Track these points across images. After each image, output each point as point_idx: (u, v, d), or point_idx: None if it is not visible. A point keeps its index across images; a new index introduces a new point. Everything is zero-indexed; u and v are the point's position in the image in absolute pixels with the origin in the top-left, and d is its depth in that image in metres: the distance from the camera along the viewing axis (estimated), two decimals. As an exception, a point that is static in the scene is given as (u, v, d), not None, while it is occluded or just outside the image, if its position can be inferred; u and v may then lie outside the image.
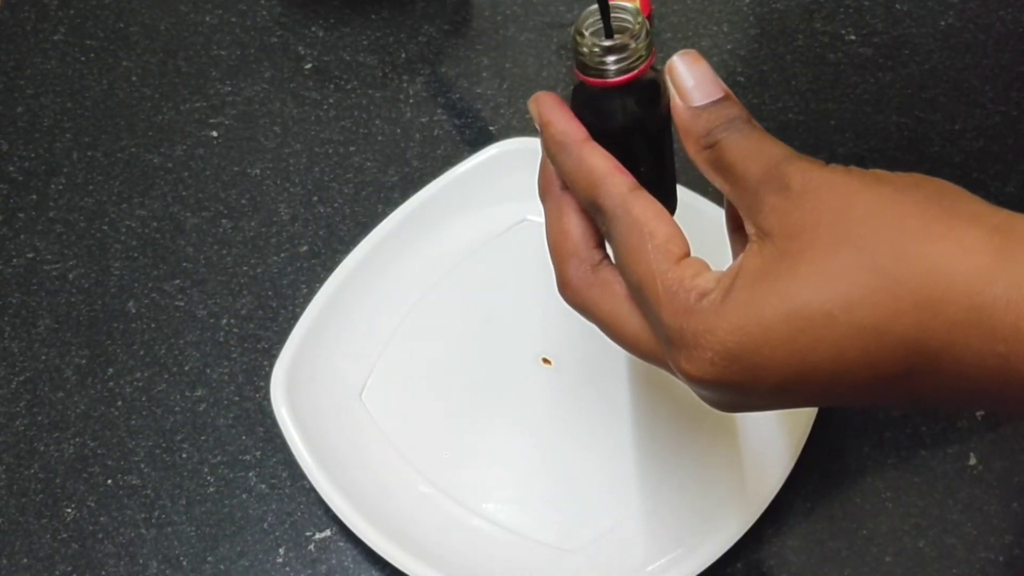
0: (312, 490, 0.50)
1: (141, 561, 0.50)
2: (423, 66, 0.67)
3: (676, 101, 0.33)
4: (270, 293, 0.59)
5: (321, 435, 0.50)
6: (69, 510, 0.52)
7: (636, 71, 0.34)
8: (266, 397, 0.52)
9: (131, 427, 0.54)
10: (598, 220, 0.34)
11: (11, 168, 0.65)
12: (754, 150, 0.32)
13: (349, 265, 0.55)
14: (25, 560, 0.51)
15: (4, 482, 0.53)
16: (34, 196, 0.64)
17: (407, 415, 0.53)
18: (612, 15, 0.34)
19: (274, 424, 0.51)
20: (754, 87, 0.63)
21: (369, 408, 0.53)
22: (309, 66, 0.68)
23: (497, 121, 0.64)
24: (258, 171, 0.64)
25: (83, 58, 0.70)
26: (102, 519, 0.52)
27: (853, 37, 0.65)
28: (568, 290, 0.35)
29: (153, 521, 0.51)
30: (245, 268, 0.60)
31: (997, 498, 0.48)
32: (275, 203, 0.62)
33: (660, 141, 0.36)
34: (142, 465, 0.53)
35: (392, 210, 0.57)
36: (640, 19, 0.34)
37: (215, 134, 0.66)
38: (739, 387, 0.30)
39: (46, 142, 0.66)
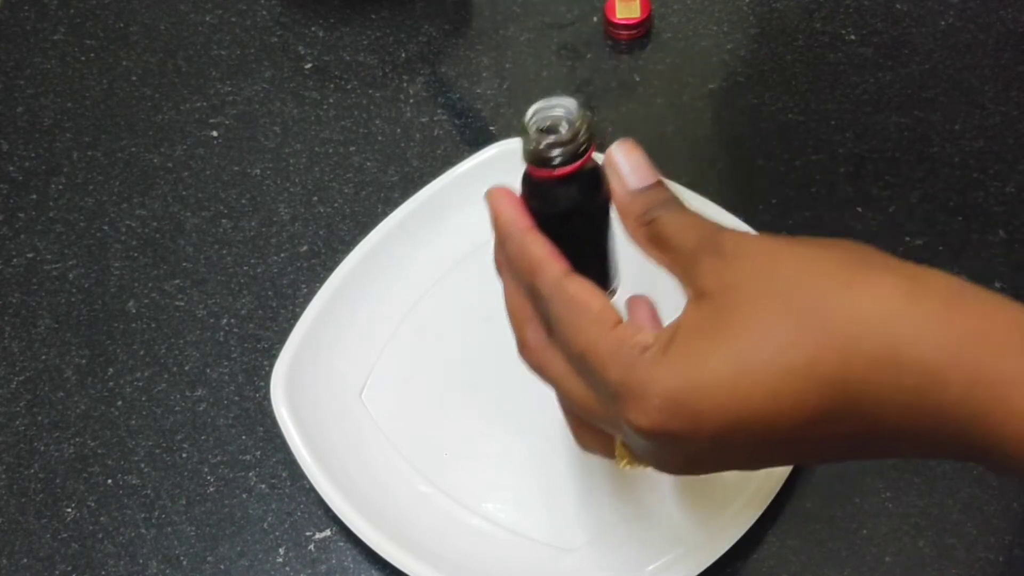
0: (312, 490, 0.50)
1: (141, 561, 0.50)
2: (423, 66, 0.67)
3: (615, 185, 0.37)
4: (270, 293, 0.59)
5: (321, 435, 0.50)
6: (69, 510, 0.52)
7: (578, 164, 0.37)
8: (266, 397, 0.52)
9: (131, 427, 0.54)
10: (537, 303, 0.37)
11: (11, 168, 0.65)
12: (689, 223, 0.35)
13: (349, 265, 0.55)
14: (25, 560, 0.51)
15: (4, 482, 0.53)
16: (34, 196, 0.64)
17: (407, 415, 0.53)
18: (556, 110, 0.37)
19: (274, 424, 0.51)
20: (754, 87, 0.63)
21: (369, 408, 0.53)
22: (309, 66, 0.68)
23: (497, 121, 0.64)
24: (258, 171, 0.64)
25: (83, 58, 0.70)
26: (102, 519, 0.52)
27: (853, 37, 0.65)
28: (526, 350, 0.38)
29: (153, 521, 0.51)
30: (245, 268, 0.60)
31: (997, 498, 0.48)
32: (275, 203, 0.62)
33: (601, 223, 0.39)
34: (142, 465, 0.53)
35: (392, 210, 0.57)
36: (581, 113, 0.37)
37: (215, 134, 0.66)
38: (683, 436, 0.32)
39: (46, 142, 0.66)
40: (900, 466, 0.49)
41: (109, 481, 0.53)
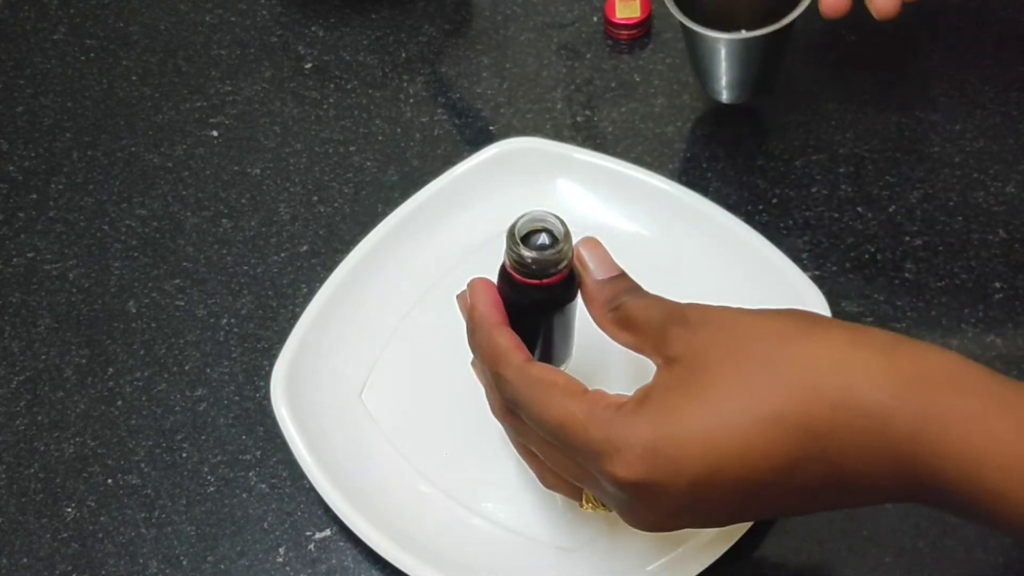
0: (312, 490, 0.50)
1: (141, 560, 0.50)
2: (423, 66, 0.67)
3: (584, 278, 0.41)
4: (270, 293, 0.59)
5: (321, 435, 0.50)
6: (69, 510, 0.52)
7: (559, 275, 0.41)
8: (266, 397, 0.52)
9: (131, 427, 0.54)
10: (502, 389, 0.39)
11: (11, 168, 0.65)
12: (653, 305, 0.39)
13: (349, 265, 0.55)
14: (25, 560, 0.51)
15: (4, 481, 0.53)
16: (34, 195, 0.64)
17: (407, 415, 0.53)
18: (543, 224, 0.41)
19: (274, 424, 0.51)
20: (754, 87, 0.63)
21: (369, 408, 0.53)
22: (309, 66, 0.68)
23: (497, 121, 0.64)
24: (258, 171, 0.64)
25: (83, 58, 0.70)
26: (102, 518, 0.52)
27: (853, 37, 0.65)
28: (498, 414, 0.42)
29: (153, 520, 0.51)
30: (245, 268, 0.60)
31: (997, 498, 0.48)
32: (275, 203, 0.62)
33: (567, 313, 0.44)
34: (142, 465, 0.53)
35: (392, 210, 0.57)
36: (565, 228, 0.40)
37: (215, 134, 0.66)
38: (663, 485, 0.35)
39: (46, 142, 0.66)
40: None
41: (109, 481, 0.53)
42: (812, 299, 0.51)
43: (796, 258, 0.53)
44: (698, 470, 0.34)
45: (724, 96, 0.59)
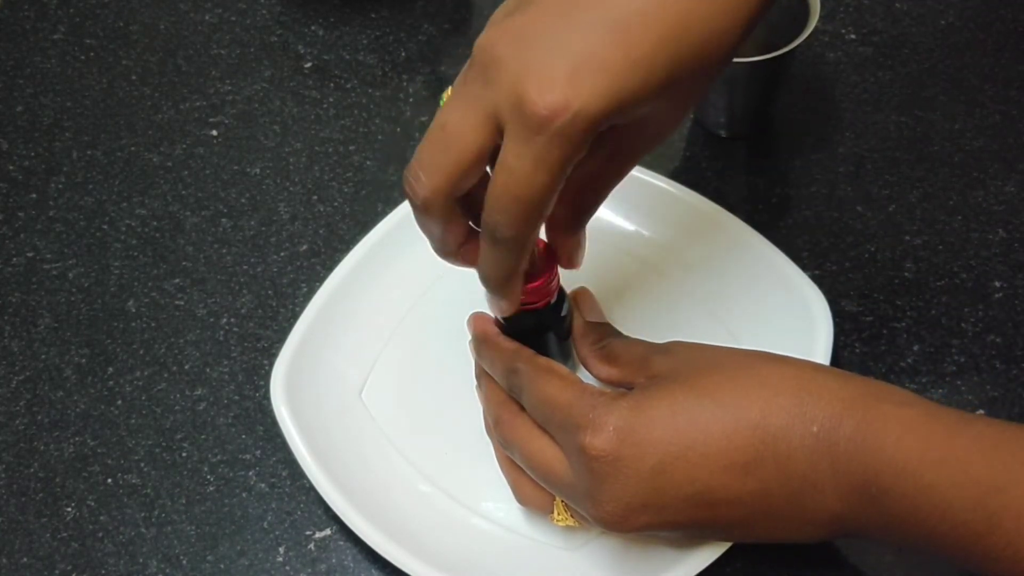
0: (312, 489, 0.50)
1: (141, 560, 0.50)
2: (423, 65, 0.67)
3: (576, 320, 0.48)
4: (270, 292, 0.59)
5: (321, 434, 0.50)
6: (69, 509, 0.52)
7: (545, 301, 0.45)
8: (266, 396, 0.52)
9: (131, 426, 0.54)
10: (514, 382, 0.44)
11: (11, 167, 0.65)
12: (635, 342, 0.46)
13: (349, 264, 0.55)
14: (25, 559, 0.51)
15: (4, 481, 0.53)
16: (34, 195, 0.64)
17: (407, 414, 0.53)
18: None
19: (274, 423, 0.51)
20: (754, 86, 0.63)
21: (369, 407, 0.53)
22: (309, 65, 0.68)
23: (497, 120, 0.64)
24: (258, 170, 0.64)
25: (83, 57, 0.70)
26: (102, 518, 0.52)
27: (853, 36, 0.65)
28: (499, 426, 0.45)
29: (153, 520, 0.51)
30: (245, 267, 0.60)
31: (997, 497, 0.48)
32: (275, 202, 0.62)
33: (560, 336, 0.48)
34: (142, 464, 0.53)
35: (392, 209, 0.57)
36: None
37: (215, 133, 0.66)
38: (628, 464, 0.39)
39: (46, 141, 0.66)
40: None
41: (109, 480, 0.53)
42: (812, 299, 0.51)
43: (796, 258, 0.53)
44: (661, 455, 0.39)
45: (723, 131, 0.61)
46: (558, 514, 0.45)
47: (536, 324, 0.46)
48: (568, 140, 0.34)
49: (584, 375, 0.46)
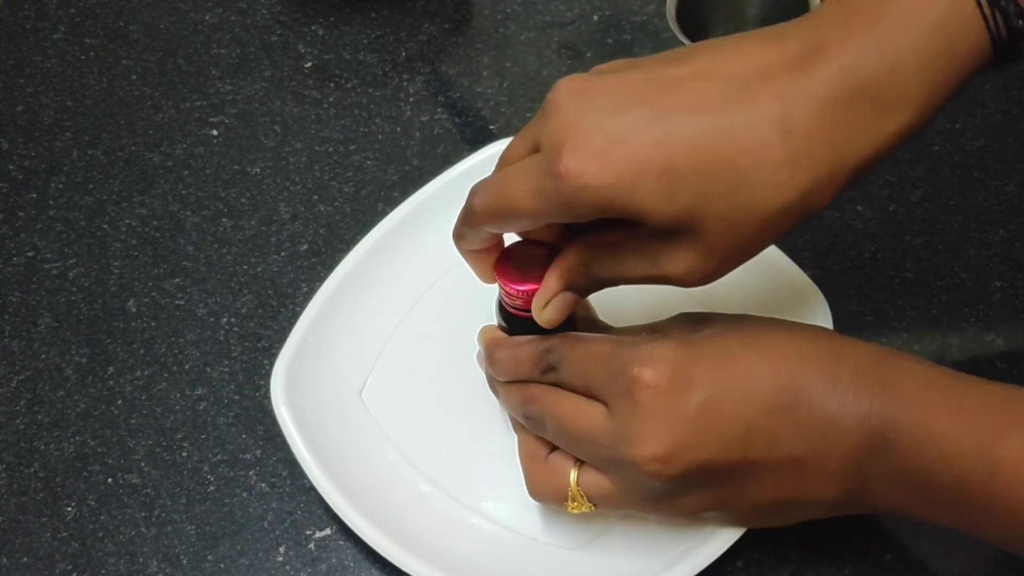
0: (312, 489, 0.50)
1: (141, 560, 0.50)
2: (423, 65, 0.67)
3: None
4: (270, 292, 0.59)
5: (321, 434, 0.50)
6: (69, 509, 0.52)
7: None
8: (266, 396, 0.52)
9: (131, 426, 0.54)
10: (550, 360, 0.44)
11: (11, 167, 0.65)
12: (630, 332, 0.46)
13: (349, 264, 0.55)
14: (25, 559, 0.51)
15: (4, 481, 0.53)
16: (34, 195, 0.64)
17: (407, 414, 0.53)
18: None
19: (274, 423, 0.51)
20: (754, 86, 0.63)
21: (369, 407, 0.53)
22: (309, 65, 0.68)
23: (497, 120, 0.64)
24: (258, 170, 0.64)
25: (83, 57, 0.70)
26: (102, 518, 0.52)
27: (853, 36, 0.65)
28: (530, 404, 0.45)
29: (153, 520, 0.51)
30: (245, 267, 0.60)
31: (997, 497, 0.48)
32: (275, 202, 0.62)
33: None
34: (142, 464, 0.53)
35: (392, 209, 0.57)
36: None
37: (215, 133, 0.66)
38: (676, 398, 0.39)
39: (46, 141, 0.66)
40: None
41: (109, 480, 0.53)
42: (812, 299, 0.51)
43: (796, 257, 0.53)
44: (708, 391, 0.39)
45: None
46: (572, 501, 0.44)
47: (539, 328, 0.46)
48: (567, 202, 0.37)
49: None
